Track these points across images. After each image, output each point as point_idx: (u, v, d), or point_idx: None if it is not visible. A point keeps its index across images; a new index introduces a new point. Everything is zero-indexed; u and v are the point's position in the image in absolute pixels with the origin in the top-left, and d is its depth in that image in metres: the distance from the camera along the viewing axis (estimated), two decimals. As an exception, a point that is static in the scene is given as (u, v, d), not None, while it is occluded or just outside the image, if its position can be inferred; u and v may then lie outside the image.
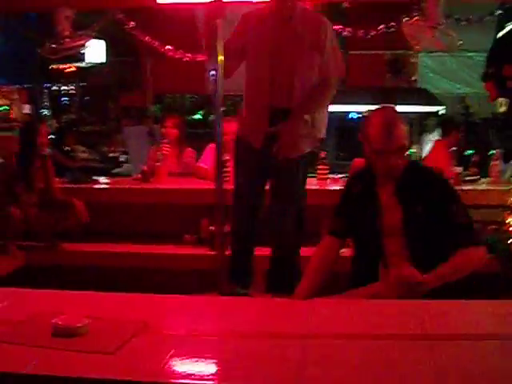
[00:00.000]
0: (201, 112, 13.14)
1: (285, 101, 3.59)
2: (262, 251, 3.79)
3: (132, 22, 5.91)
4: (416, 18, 5.34)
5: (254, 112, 3.73)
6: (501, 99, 6.82)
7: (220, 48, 3.09)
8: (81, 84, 14.96)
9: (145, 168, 5.37)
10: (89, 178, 5.43)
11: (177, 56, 6.42)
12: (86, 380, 1.47)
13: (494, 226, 4.21)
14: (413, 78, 10.63)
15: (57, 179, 5.14)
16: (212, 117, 5.53)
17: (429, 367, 1.45)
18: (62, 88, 16.00)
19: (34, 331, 1.74)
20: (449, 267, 2.51)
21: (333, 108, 5.78)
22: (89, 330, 1.71)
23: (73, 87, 15.87)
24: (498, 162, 5.11)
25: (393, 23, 5.81)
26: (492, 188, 4.80)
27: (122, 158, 8.90)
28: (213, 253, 3.52)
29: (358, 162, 4.65)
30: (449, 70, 10.81)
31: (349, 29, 5.78)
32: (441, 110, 9.60)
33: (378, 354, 1.57)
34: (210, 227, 4.32)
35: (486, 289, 2.70)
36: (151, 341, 1.71)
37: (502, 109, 8.81)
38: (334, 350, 1.60)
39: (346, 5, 5.44)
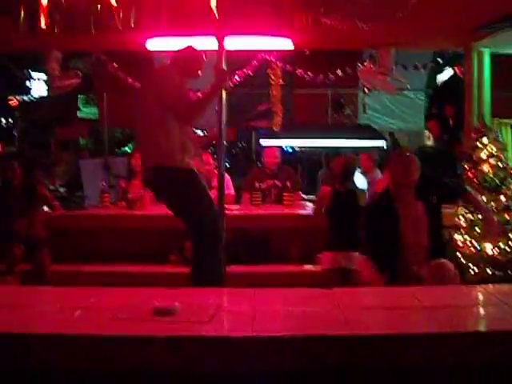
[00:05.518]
0: (129, 145, 13.48)
1: None
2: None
3: (115, 64, 6.42)
4: (369, 64, 6.11)
5: None
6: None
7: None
8: (24, 117, 15.16)
9: (130, 196, 5.86)
10: (81, 206, 5.87)
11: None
12: (194, 337, 2.04)
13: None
14: (352, 115, 11.42)
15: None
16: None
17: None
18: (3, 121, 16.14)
19: (136, 312, 2.28)
20: None
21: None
22: (179, 310, 2.26)
23: (11, 120, 16.05)
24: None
25: (347, 68, 6.58)
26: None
27: (62, 190, 8.77)
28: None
29: (325, 189, 5.28)
30: (384, 107, 11.64)
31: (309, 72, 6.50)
32: (383, 144, 10.32)
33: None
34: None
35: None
36: (229, 314, 2.31)
37: (429, 142, 9.67)
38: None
39: (307, 52, 6.18)
